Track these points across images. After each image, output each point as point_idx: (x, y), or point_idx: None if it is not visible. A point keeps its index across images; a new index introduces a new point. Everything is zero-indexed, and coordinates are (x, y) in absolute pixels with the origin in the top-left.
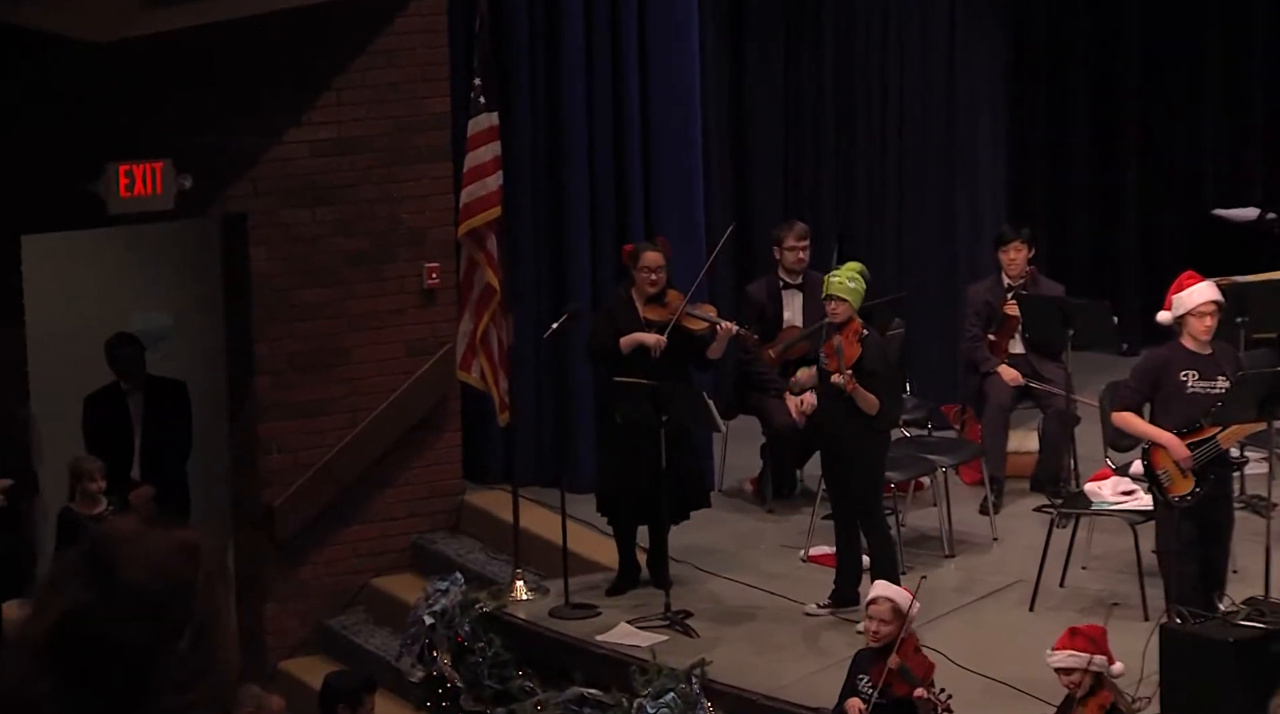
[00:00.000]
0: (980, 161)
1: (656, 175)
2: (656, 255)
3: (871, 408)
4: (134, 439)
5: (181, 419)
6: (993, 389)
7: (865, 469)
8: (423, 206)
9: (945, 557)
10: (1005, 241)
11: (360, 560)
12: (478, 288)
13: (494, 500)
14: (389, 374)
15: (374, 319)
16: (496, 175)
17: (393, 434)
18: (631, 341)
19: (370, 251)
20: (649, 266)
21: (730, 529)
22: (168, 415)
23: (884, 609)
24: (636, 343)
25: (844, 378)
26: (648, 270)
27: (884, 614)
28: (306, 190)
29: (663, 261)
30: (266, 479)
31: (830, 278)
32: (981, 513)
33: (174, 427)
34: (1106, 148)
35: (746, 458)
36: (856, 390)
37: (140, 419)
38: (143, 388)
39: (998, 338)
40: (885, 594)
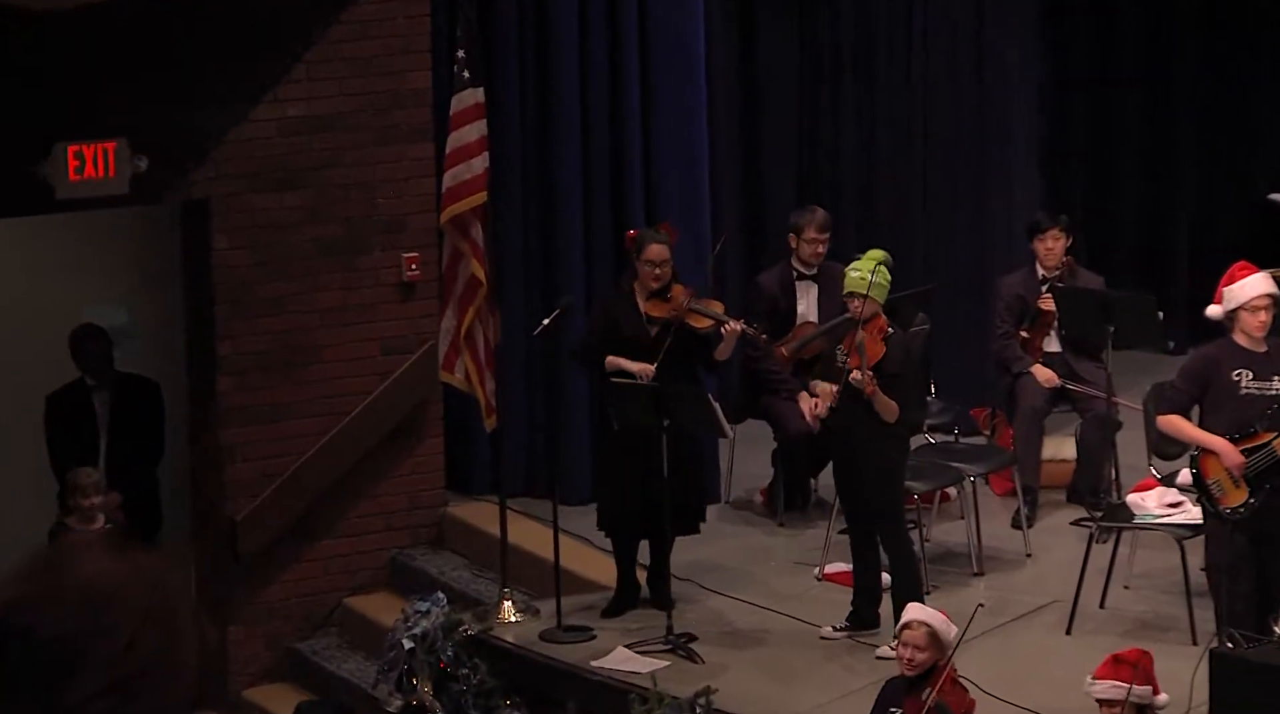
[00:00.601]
0: (1014, 141)
1: (658, 157)
2: (661, 249)
3: (890, 415)
4: (99, 441)
5: (153, 421)
6: (1025, 391)
7: (884, 478)
8: (401, 191)
9: (974, 575)
10: (1041, 229)
11: (332, 579)
12: (461, 280)
13: (479, 513)
14: (364, 375)
15: (348, 314)
16: (482, 157)
17: (368, 441)
18: (615, 365)
19: (344, 240)
20: (653, 260)
21: (738, 544)
22: (137, 416)
23: (919, 635)
24: (618, 367)
25: (864, 377)
26: (651, 264)
27: (919, 640)
28: (274, 173)
29: (668, 255)
30: (229, 490)
31: (850, 272)
32: (1013, 527)
33: (144, 429)
34: (1156, 123)
35: (756, 466)
36: (876, 394)
37: (107, 420)
38: (111, 386)
39: (1031, 335)
40: (921, 618)
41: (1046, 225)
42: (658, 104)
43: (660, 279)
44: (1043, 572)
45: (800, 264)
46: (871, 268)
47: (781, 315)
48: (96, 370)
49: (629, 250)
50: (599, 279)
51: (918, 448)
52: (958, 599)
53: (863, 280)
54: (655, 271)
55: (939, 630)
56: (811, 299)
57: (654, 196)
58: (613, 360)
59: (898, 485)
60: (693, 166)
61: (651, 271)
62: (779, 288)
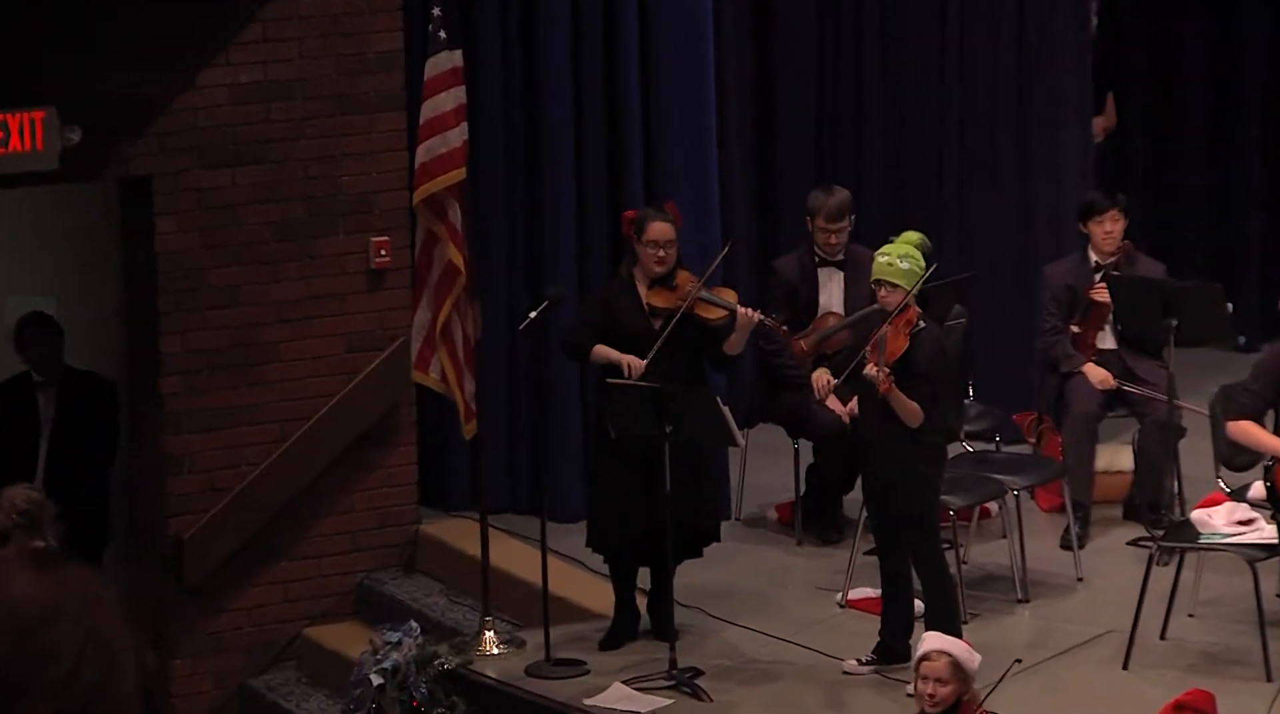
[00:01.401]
0: (1063, 112)
1: (660, 130)
2: (665, 227)
3: (911, 418)
4: (40, 443)
5: (105, 425)
6: (1076, 393)
7: (916, 492)
8: (369, 167)
9: (1018, 602)
10: (1096, 211)
11: (291, 606)
12: (437, 267)
13: (457, 531)
14: (327, 375)
15: (309, 306)
16: (460, 128)
17: (332, 450)
18: (602, 356)
19: (304, 222)
20: (656, 240)
21: (751, 567)
22: (85, 418)
23: (940, 666)
24: (605, 359)
25: (879, 374)
26: (654, 245)
27: (941, 673)
28: (225, 147)
29: (673, 234)
30: (174, 505)
31: (879, 257)
32: (1063, 547)
33: (93, 433)
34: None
35: (771, 477)
36: (892, 393)
37: (51, 420)
38: (58, 382)
39: (1083, 330)
40: (941, 647)
41: (1102, 206)
42: (659, 71)
43: (664, 263)
44: (1096, 598)
45: (820, 250)
46: (903, 252)
47: (802, 305)
48: (42, 364)
49: (628, 234)
50: (593, 267)
51: (954, 458)
52: (999, 629)
53: (891, 266)
54: (659, 254)
55: (962, 660)
56: (835, 288)
57: (655, 174)
58: (599, 351)
59: (931, 500)
60: (699, 140)
61: (654, 254)
62: (798, 274)
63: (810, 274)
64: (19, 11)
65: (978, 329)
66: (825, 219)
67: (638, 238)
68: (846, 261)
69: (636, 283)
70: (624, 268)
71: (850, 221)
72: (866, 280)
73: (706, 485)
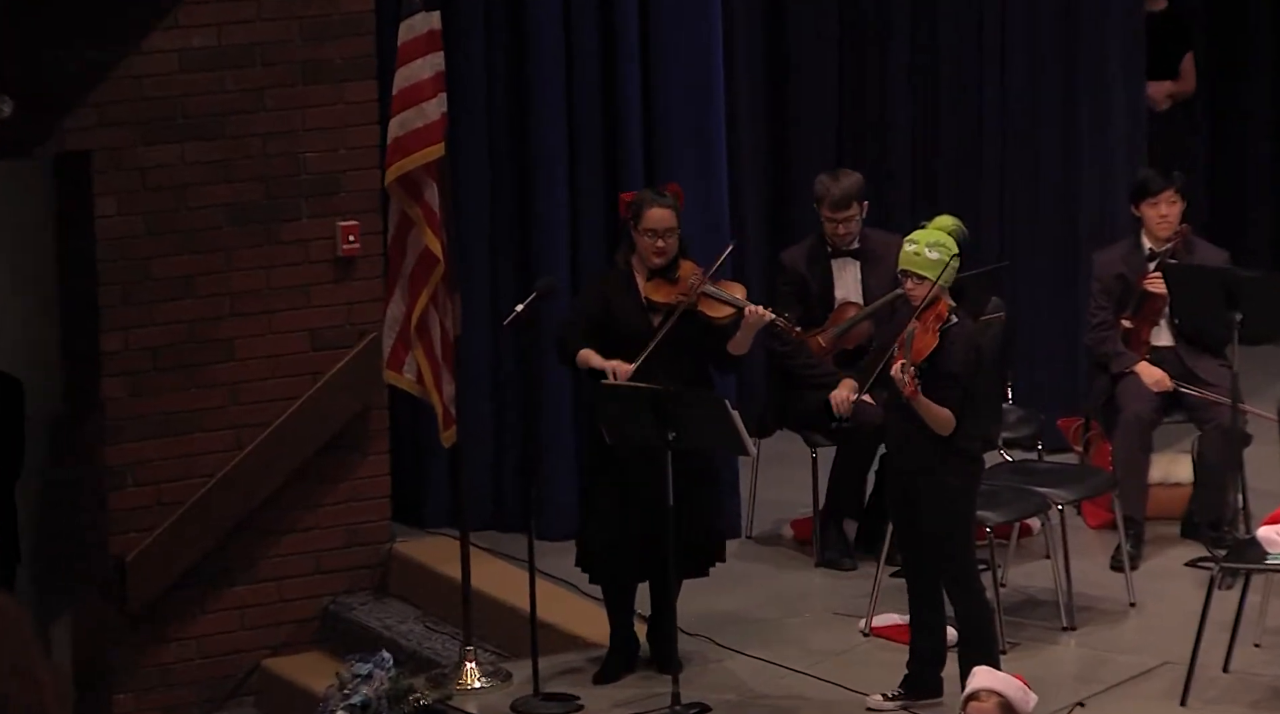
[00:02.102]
0: (1113, 80)
1: (661, 104)
2: (665, 213)
3: (941, 425)
4: None
5: (9, 430)
6: (1129, 396)
7: (948, 507)
8: (336, 142)
9: (1063, 630)
10: (1150, 191)
11: (248, 635)
12: (412, 255)
13: (435, 550)
14: (288, 376)
15: (268, 299)
16: (438, 99)
17: (294, 460)
18: (585, 363)
19: (263, 205)
20: (654, 228)
21: (763, 590)
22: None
23: (990, 707)
24: (588, 366)
25: (904, 376)
26: (652, 234)
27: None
28: (174, 120)
29: (673, 222)
30: (117, 522)
31: (907, 244)
32: (1113, 569)
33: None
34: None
35: (786, 490)
36: (917, 397)
37: None
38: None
39: (1136, 325)
40: (991, 686)
41: (1157, 186)
42: (661, 38)
43: (664, 253)
44: (1151, 625)
45: (830, 240)
46: (933, 240)
47: (814, 300)
48: None
49: (625, 219)
50: (586, 255)
51: (991, 468)
52: (1042, 660)
53: (918, 255)
54: (658, 243)
55: (1014, 701)
56: (851, 280)
57: (657, 153)
58: (583, 356)
59: (965, 516)
60: (706, 116)
61: (653, 243)
62: (808, 266)
63: (822, 266)
64: None
65: (1017, 324)
66: (830, 208)
67: (635, 224)
68: (862, 250)
69: (635, 274)
70: (620, 256)
71: (861, 208)
72: (886, 270)
73: (711, 497)
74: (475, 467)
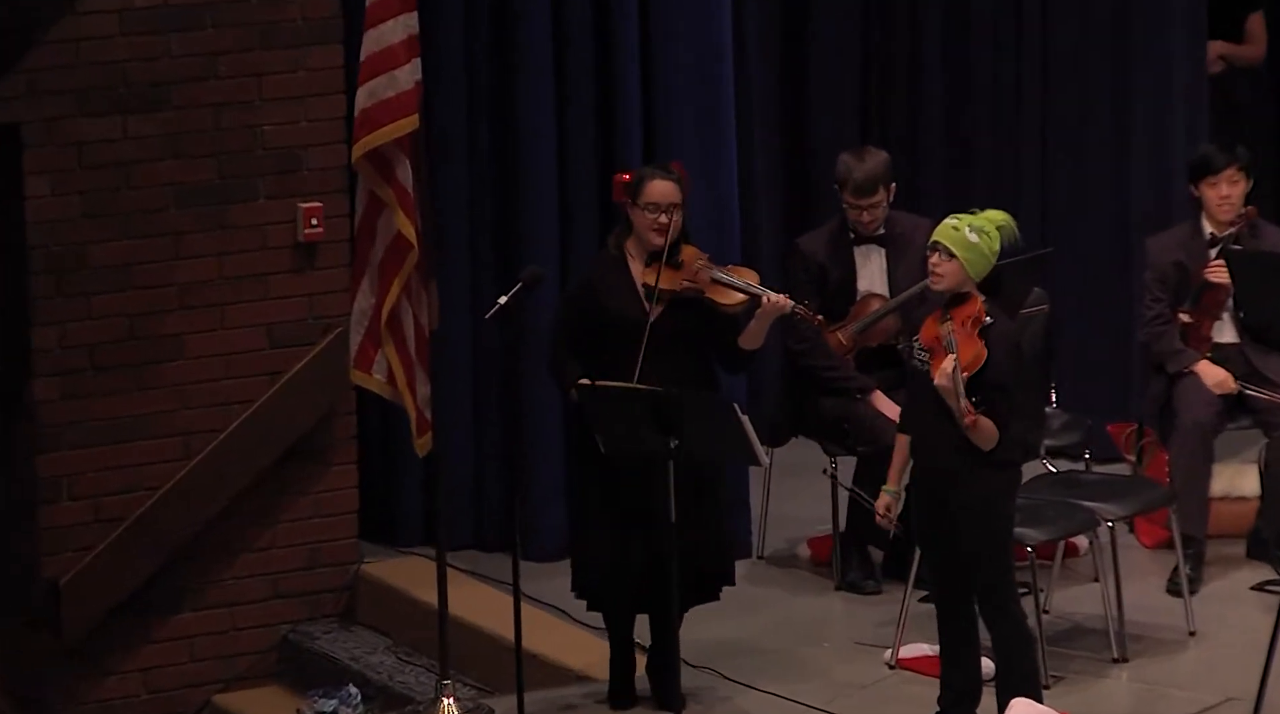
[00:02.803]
0: (1173, 42)
1: (662, 75)
2: (669, 186)
3: (988, 441)
4: None
5: None
6: (1187, 399)
7: (983, 523)
8: (297, 113)
9: (1113, 661)
10: (1210, 169)
11: (199, 667)
12: (382, 241)
13: (408, 572)
14: (244, 376)
15: (221, 290)
16: (412, 65)
17: (249, 470)
18: None
19: (215, 185)
20: (656, 202)
21: (777, 617)
22: None
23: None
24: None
25: (959, 403)
26: (654, 208)
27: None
28: (115, 89)
29: (678, 197)
30: (49, 541)
31: (948, 219)
32: (1171, 593)
33: None
34: None
35: (801, 506)
36: (976, 427)
37: None
38: None
39: (1196, 319)
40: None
41: (1218, 163)
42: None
43: (664, 232)
44: (1212, 657)
45: (854, 226)
46: (979, 225)
47: (833, 291)
48: None
49: (620, 201)
50: (577, 240)
51: (1031, 480)
52: (1090, 696)
53: (956, 231)
54: (659, 218)
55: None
56: (876, 270)
57: (657, 128)
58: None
59: (1003, 533)
60: (713, 86)
61: (654, 219)
62: (827, 253)
63: (843, 254)
64: None
65: (1062, 319)
66: (854, 193)
67: (633, 201)
68: (888, 236)
69: (629, 259)
70: (613, 241)
71: (889, 192)
72: (914, 257)
73: (715, 509)
74: (453, 478)
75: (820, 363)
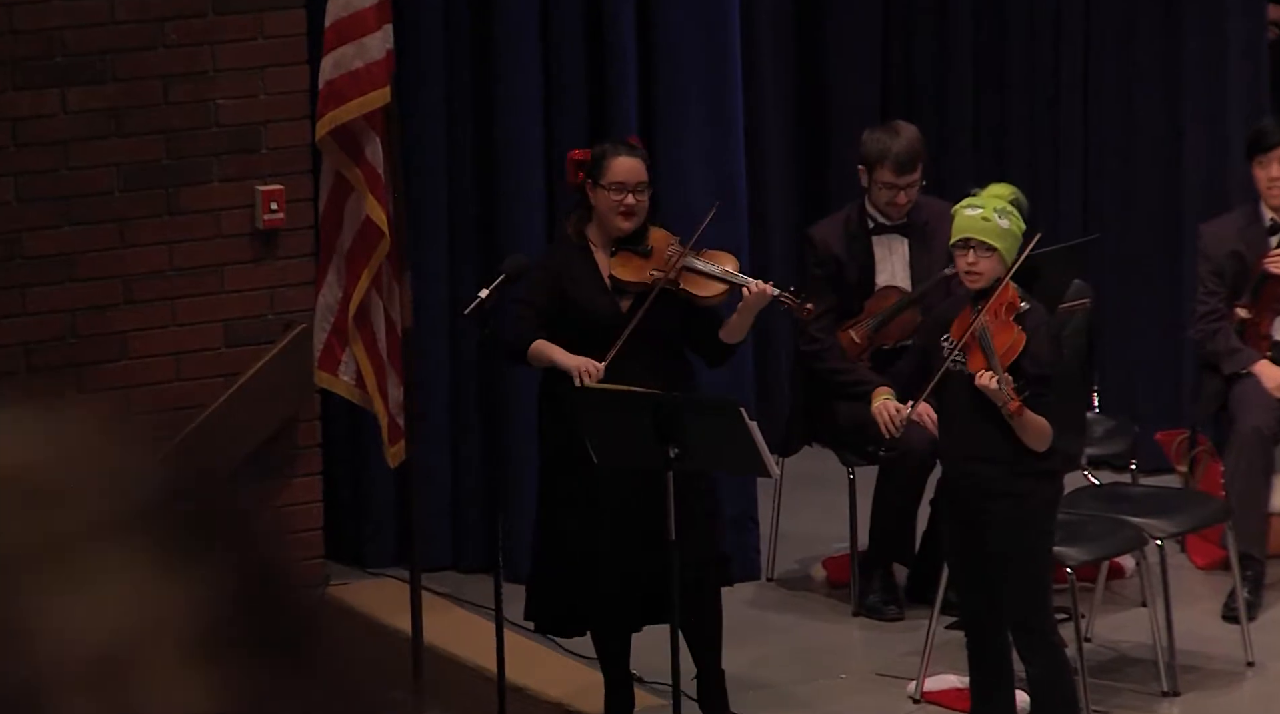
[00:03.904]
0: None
1: (662, 46)
2: (635, 163)
3: (1041, 440)
4: None
5: None
6: (1245, 403)
7: (1018, 541)
8: (255, 86)
9: (1162, 695)
10: (1260, 147)
11: None
12: (350, 227)
13: (379, 595)
14: (196, 377)
15: (171, 283)
16: (382, 33)
17: None
18: (543, 358)
19: (164, 165)
20: (622, 181)
21: (789, 645)
22: None
23: None
24: (548, 362)
25: (1001, 388)
26: (618, 188)
27: None
28: (51, 59)
29: (644, 175)
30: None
31: (965, 210)
32: (1227, 619)
33: None
34: None
35: (817, 522)
36: (1023, 416)
37: None
38: None
39: (1254, 314)
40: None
41: (1270, 140)
42: None
43: (633, 213)
44: (1273, 690)
45: (877, 211)
46: (999, 206)
47: (850, 287)
48: None
49: (574, 182)
50: None
51: (1072, 493)
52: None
53: (987, 221)
54: (626, 199)
55: None
56: (899, 262)
57: (654, 105)
58: (538, 348)
59: (1040, 552)
60: (717, 62)
61: (619, 200)
62: (844, 244)
63: (861, 244)
64: None
65: (1106, 313)
66: (894, 170)
67: (594, 181)
68: (911, 225)
69: (592, 248)
70: (571, 226)
71: (922, 171)
72: (941, 247)
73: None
74: (428, 492)
75: (832, 366)
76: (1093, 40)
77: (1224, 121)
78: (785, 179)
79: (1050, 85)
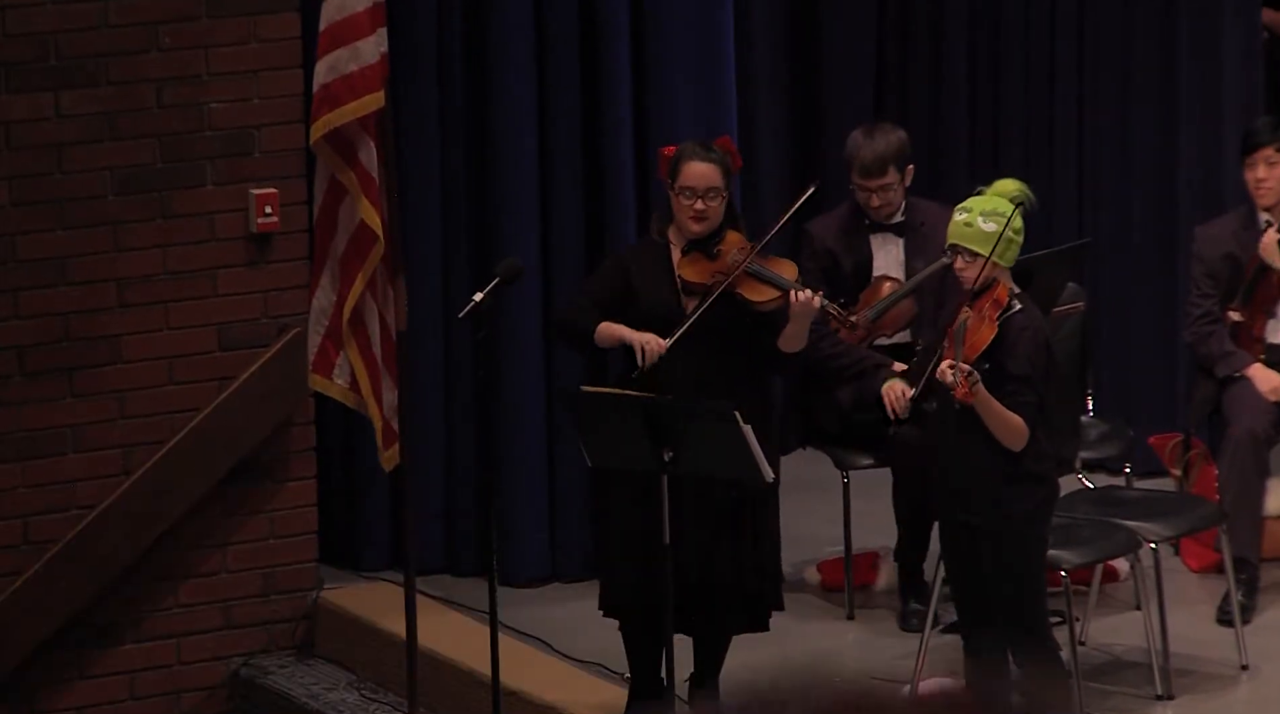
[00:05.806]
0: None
1: (655, 40)
2: (707, 169)
3: (1012, 436)
4: None
5: None
6: (1239, 406)
7: (1013, 545)
8: (249, 90)
9: (1156, 698)
10: (1246, 147)
11: (140, 705)
12: (345, 231)
13: (373, 600)
14: (190, 381)
15: (164, 287)
16: (377, 36)
17: (197, 487)
18: (611, 336)
19: (157, 169)
20: (692, 187)
21: (783, 650)
22: None
23: None
24: (619, 340)
25: (956, 376)
26: (689, 193)
27: None
28: (44, 63)
29: (718, 180)
30: None
31: (958, 214)
32: (1221, 623)
33: None
34: None
35: (811, 525)
36: (977, 399)
37: None
38: None
39: (1248, 316)
40: None
41: (1256, 140)
42: None
43: (704, 218)
44: (1267, 694)
45: (867, 212)
46: (990, 208)
47: (845, 281)
48: None
49: (664, 179)
50: (559, 230)
51: (1066, 496)
52: None
53: (969, 227)
54: (696, 204)
55: None
56: (892, 261)
57: (649, 109)
58: (606, 328)
59: (1034, 555)
60: (712, 58)
61: (690, 204)
62: (839, 240)
63: (857, 241)
64: None
65: (1100, 317)
66: (860, 173)
67: (672, 183)
68: (907, 225)
69: (671, 246)
70: (655, 225)
71: (903, 175)
72: (935, 249)
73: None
74: (423, 495)
75: (827, 351)
76: (1088, 43)
77: (1219, 125)
78: (779, 178)
79: (1045, 88)
